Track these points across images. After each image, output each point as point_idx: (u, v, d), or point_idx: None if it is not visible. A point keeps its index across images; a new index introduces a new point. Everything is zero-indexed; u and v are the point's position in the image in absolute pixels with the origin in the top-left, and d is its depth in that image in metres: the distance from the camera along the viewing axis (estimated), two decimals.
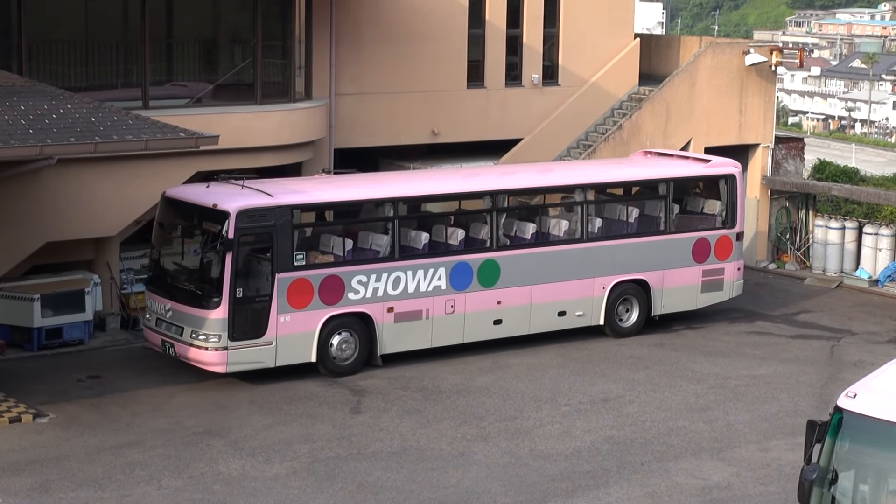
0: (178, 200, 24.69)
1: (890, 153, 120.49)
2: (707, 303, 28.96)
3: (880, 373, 13.24)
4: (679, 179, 28.86)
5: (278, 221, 23.75)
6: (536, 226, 27.04)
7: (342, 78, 31.89)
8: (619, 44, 36.42)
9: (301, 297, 23.96)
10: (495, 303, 26.08)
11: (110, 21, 29.21)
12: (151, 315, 24.62)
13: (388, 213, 25.28)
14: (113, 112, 23.06)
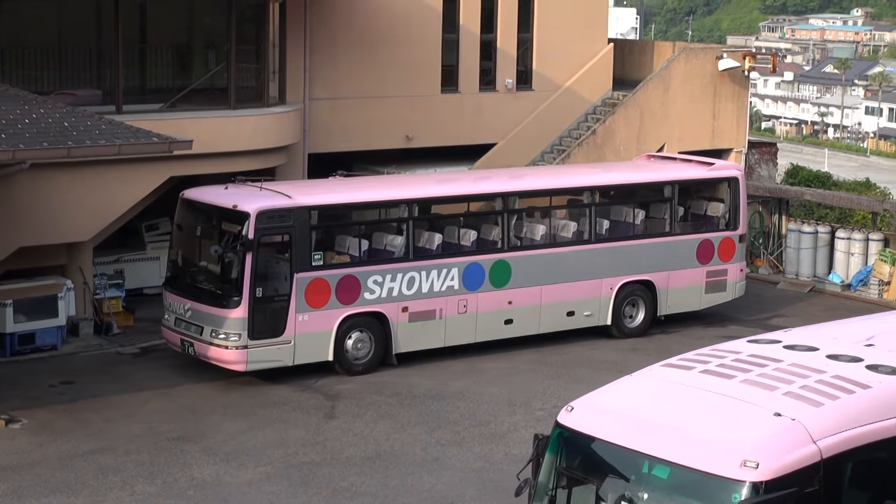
0: (197, 202, 24.94)
1: (862, 158, 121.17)
2: (711, 303, 29.25)
3: (607, 386, 13.06)
4: (684, 182, 29.09)
5: (297, 222, 24.00)
6: (546, 227, 27.32)
7: (316, 82, 31.88)
8: (593, 49, 36.50)
9: (319, 296, 24.19)
10: (506, 303, 26.31)
11: (83, 26, 29.14)
12: (170, 314, 24.87)
13: (402, 215, 25.57)
14: (86, 116, 23.00)
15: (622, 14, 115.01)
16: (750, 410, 11.80)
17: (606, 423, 12.15)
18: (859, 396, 12.08)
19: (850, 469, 11.72)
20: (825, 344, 13.44)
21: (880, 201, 34.72)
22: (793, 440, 11.38)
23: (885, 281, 32.25)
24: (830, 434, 11.54)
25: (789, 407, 11.77)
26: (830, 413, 11.77)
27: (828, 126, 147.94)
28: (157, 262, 30.27)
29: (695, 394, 12.36)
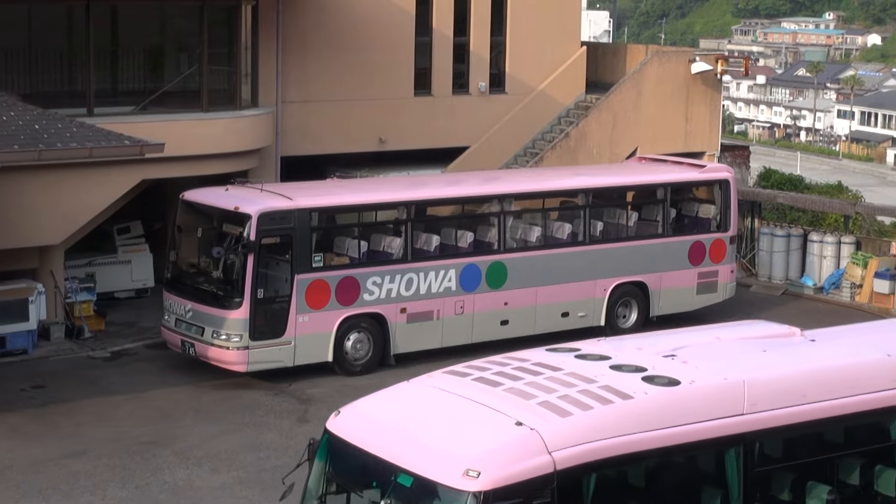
0: (198, 203, 25.10)
1: (834, 161, 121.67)
2: (702, 304, 29.50)
3: (379, 392, 13.07)
4: (676, 184, 29.38)
5: (297, 224, 24.18)
6: (541, 229, 27.51)
7: (288, 85, 31.85)
8: (566, 52, 36.56)
9: (319, 297, 24.39)
10: (503, 304, 26.53)
11: (54, 29, 29.05)
12: (170, 315, 25.02)
13: (401, 217, 25.74)
14: (57, 119, 22.95)
15: (595, 17, 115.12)
16: (494, 419, 11.75)
17: (363, 430, 12.17)
18: (614, 408, 11.99)
19: (595, 481, 11.61)
20: (622, 354, 13.39)
21: (852, 204, 34.89)
22: (525, 450, 11.31)
23: (858, 284, 32.41)
24: (571, 445, 11.46)
25: (536, 416, 11.69)
26: (576, 424, 11.69)
27: (800, 129, 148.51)
28: (128, 265, 30.25)
29: (450, 401, 12.33)
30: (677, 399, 12.31)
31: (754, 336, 14.68)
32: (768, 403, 12.58)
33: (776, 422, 12.55)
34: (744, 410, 12.44)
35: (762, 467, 12.63)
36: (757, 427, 12.46)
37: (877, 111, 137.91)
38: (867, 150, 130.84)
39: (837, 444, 13.36)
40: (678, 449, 12.19)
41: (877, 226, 34.36)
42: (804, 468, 13.03)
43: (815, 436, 13.17)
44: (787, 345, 14.27)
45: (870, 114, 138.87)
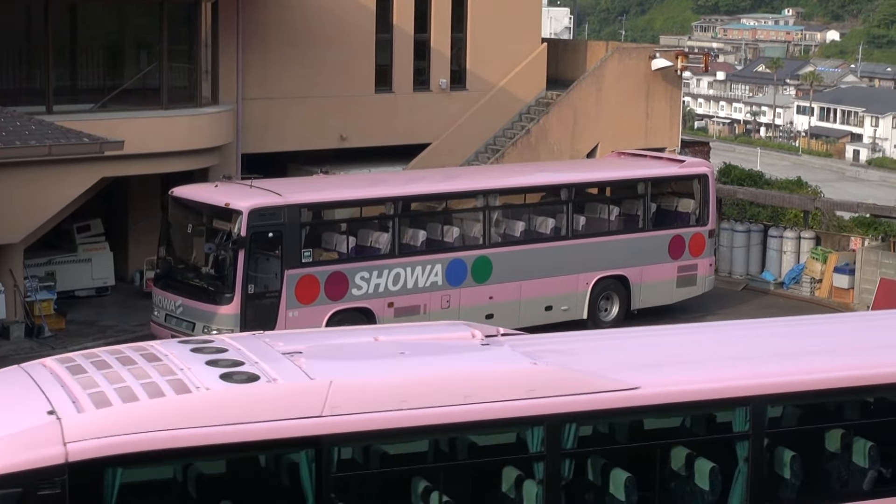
0: (188, 200, 25.18)
1: (794, 157, 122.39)
2: (682, 297, 29.79)
3: None
4: (656, 179, 29.62)
5: (287, 220, 24.31)
6: (525, 224, 27.69)
7: (249, 82, 31.79)
8: (527, 48, 36.62)
9: (308, 292, 24.55)
10: (487, 298, 26.72)
11: (12, 25, 28.90)
12: (160, 311, 25.14)
13: (388, 212, 25.93)
14: (15, 117, 22.86)
15: (556, 13, 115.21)
16: (32, 407, 11.50)
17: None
18: (162, 401, 11.53)
19: (123, 476, 11.25)
20: (247, 350, 12.89)
21: (812, 200, 35.08)
22: (38, 439, 11.06)
23: (817, 279, 32.59)
24: (93, 437, 11.12)
25: (74, 406, 11.41)
26: (108, 415, 11.31)
27: (760, 125, 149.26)
28: (88, 263, 30.14)
29: (20, 386, 12.13)
30: (242, 396, 11.74)
31: (424, 338, 13.97)
32: (355, 407, 11.87)
33: (362, 426, 11.87)
34: (322, 412, 11.76)
35: (342, 472, 12.07)
36: (335, 430, 11.79)
37: (836, 107, 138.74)
38: (826, 145, 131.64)
39: (444, 454, 12.79)
40: (235, 447, 11.61)
41: (836, 221, 34.53)
42: (394, 477, 12.65)
43: (416, 443, 12.64)
44: (440, 349, 13.46)
45: (829, 110, 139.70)
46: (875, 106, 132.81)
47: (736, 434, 13.13)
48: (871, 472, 13.66)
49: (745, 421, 13.05)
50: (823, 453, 13.83)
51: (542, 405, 12.38)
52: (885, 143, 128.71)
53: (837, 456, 13.85)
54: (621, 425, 13.24)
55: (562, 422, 12.43)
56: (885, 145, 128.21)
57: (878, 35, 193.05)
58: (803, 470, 13.41)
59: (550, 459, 12.40)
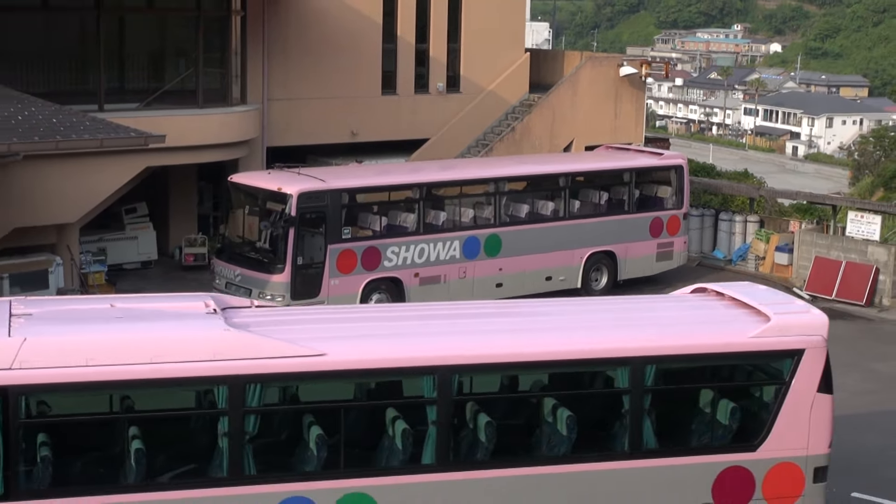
0: (245, 185, 25.38)
1: (741, 152, 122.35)
2: (660, 269, 29.97)
3: None
4: (640, 169, 29.72)
5: (330, 202, 24.47)
6: (529, 206, 27.84)
7: (273, 85, 31.75)
8: (512, 57, 36.59)
9: (347, 264, 24.70)
10: (497, 269, 26.88)
11: (70, 34, 28.89)
12: (221, 279, 25.26)
13: (414, 196, 26.08)
14: (72, 114, 22.82)
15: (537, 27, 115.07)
16: None
17: None
18: None
19: None
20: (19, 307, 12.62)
21: (756, 188, 35.09)
22: None
23: (761, 256, 32.63)
24: None
25: None
26: None
27: (712, 124, 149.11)
28: (135, 241, 30.15)
29: None
30: None
31: (155, 306, 13.44)
32: (42, 362, 11.53)
33: (47, 379, 11.52)
34: (11, 366, 11.49)
35: (28, 420, 11.68)
36: (21, 382, 11.44)
37: (778, 109, 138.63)
38: (769, 142, 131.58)
39: (131, 408, 12.27)
40: None
41: (777, 207, 34.53)
42: (82, 427, 12.27)
43: (104, 397, 12.24)
44: (158, 316, 12.91)
45: (772, 111, 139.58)
46: (811, 108, 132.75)
47: (425, 399, 12.59)
48: (565, 438, 13.06)
49: (433, 388, 12.51)
50: (512, 419, 13.38)
51: (224, 367, 11.96)
52: (820, 140, 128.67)
53: (525, 422, 13.40)
54: (307, 388, 12.77)
55: (245, 382, 12.01)
56: (819, 142, 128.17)
57: (815, 47, 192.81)
58: (494, 433, 12.82)
59: (233, 416, 12.00)
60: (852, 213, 31.17)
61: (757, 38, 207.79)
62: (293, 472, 12.42)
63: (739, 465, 13.36)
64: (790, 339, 13.55)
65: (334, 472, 12.37)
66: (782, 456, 13.46)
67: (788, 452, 13.49)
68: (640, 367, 13.04)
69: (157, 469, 12.03)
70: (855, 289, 29.75)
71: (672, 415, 13.57)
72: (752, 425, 13.51)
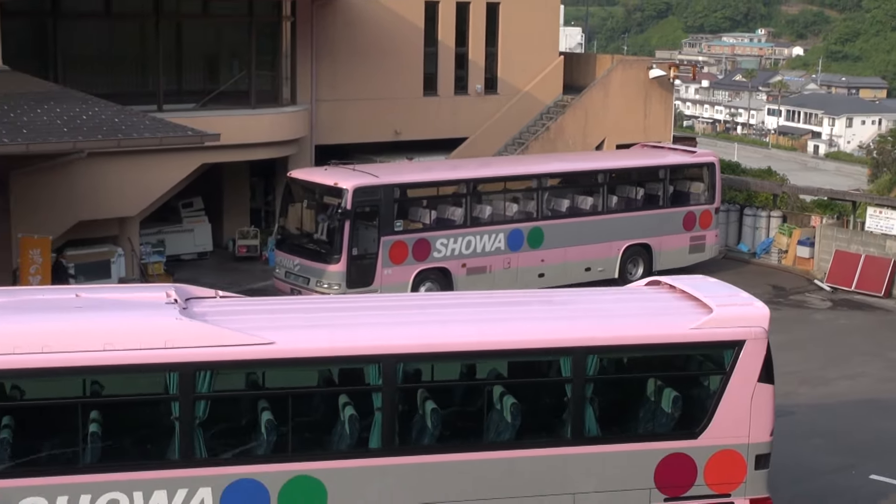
0: (303, 180, 25.50)
1: (765, 150, 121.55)
2: (693, 261, 29.84)
3: None
4: (674, 166, 29.70)
5: (383, 196, 24.56)
6: (570, 201, 27.85)
7: (321, 86, 31.84)
8: (547, 60, 36.51)
9: (399, 254, 24.80)
10: (540, 260, 26.89)
11: (131, 38, 29.07)
12: (280, 269, 25.47)
13: (462, 191, 26.14)
14: (133, 114, 22.97)
15: (570, 32, 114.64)
16: None
17: None
18: None
19: None
20: None
21: (780, 185, 34.86)
22: None
23: (784, 250, 32.45)
24: None
25: None
26: None
27: (737, 124, 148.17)
28: (191, 233, 30.31)
29: None
30: None
31: (117, 296, 13.32)
32: (1, 349, 11.57)
33: (14, 365, 11.55)
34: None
35: None
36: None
37: (800, 109, 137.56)
38: (792, 141, 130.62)
39: (86, 393, 12.19)
40: None
41: (799, 203, 34.29)
42: (36, 412, 12.17)
43: (60, 382, 12.10)
44: (117, 306, 12.77)
45: (794, 112, 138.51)
46: (832, 109, 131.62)
47: (371, 386, 12.40)
48: (510, 425, 12.83)
49: (378, 376, 12.32)
50: (457, 406, 13.18)
51: (174, 354, 11.85)
52: (840, 139, 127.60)
53: (470, 409, 13.16)
54: (257, 375, 12.61)
55: (194, 369, 11.89)
56: (839, 141, 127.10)
57: (836, 51, 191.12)
58: (439, 419, 12.64)
59: (184, 402, 11.90)
60: (871, 208, 30.95)
61: (780, 41, 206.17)
62: (243, 456, 12.31)
63: (681, 451, 13.17)
64: (730, 330, 13.33)
65: (283, 455, 12.24)
66: (723, 443, 13.26)
67: (730, 440, 13.28)
68: (581, 356, 12.88)
69: (111, 451, 11.99)
70: (874, 281, 29.56)
71: (614, 403, 13.43)
72: (694, 414, 13.30)
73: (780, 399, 21.06)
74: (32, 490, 11.60)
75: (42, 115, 21.63)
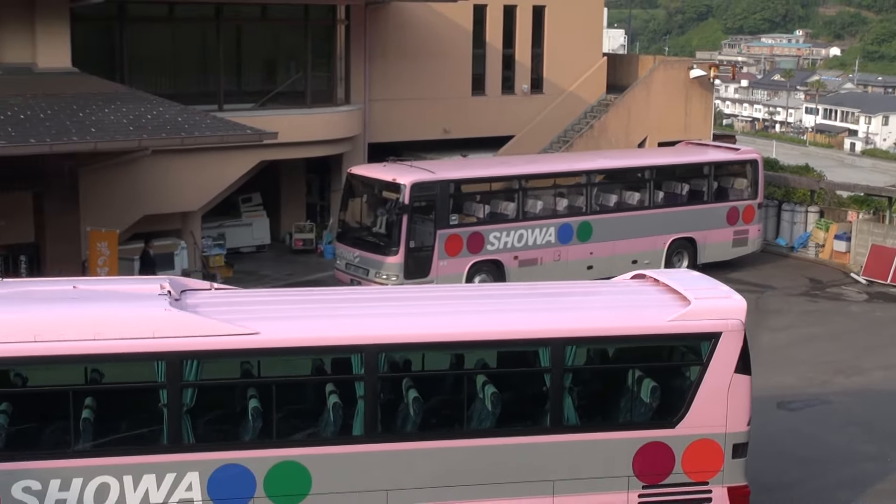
0: (363, 176, 25.54)
1: (802, 148, 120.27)
2: (736, 255, 29.74)
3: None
4: (719, 163, 29.54)
5: (439, 191, 24.60)
6: (618, 196, 27.74)
7: (374, 87, 31.88)
8: (591, 61, 36.35)
9: (454, 247, 24.83)
10: (588, 253, 26.82)
11: (193, 42, 29.24)
12: (341, 261, 25.56)
13: (514, 186, 26.11)
14: (195, 114, 23.12)
15: (613, 34, 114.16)
16: None
17: None
18: None
19: None
20: None
21: (817, 181, 34.51)
22: None
23: (821, 244, 32.13)
24: None
25: None
26: None
27: (775, 123, 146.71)
28: (250, 227, 30.48)
29: None
30: None
31: (113, 288, 13.31)
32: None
33: (7, 353, 11.60)
34: None
35: None
36: None
37: (837, 108, 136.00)
38: (828, 139, 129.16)
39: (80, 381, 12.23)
40: None
41: (836, 199, 33.91)
42: (31, 398, 12.25)
43: (51, 370, 12.16)
44: (111, 297, 12.74)
45: (831, 110, 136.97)
46: (868, 107, 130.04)
47: (354, 375, 12.32)
48: (490, 413, 12.72)
49: (360, 365, 12.25)
50: (439, 395, 13.02)
51: (162, 344, 11.85)
52: (876, 137, 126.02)
53: (452, 398, 12.99)
54: (242, 364, 12.54)
55: (181, 358, 11.87)
56: (875, 139, 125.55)
57: (872, 51, 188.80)
58: (421, 407, 12.54)
59: (171, 389, 11.88)
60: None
61: (818, 42, 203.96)
62: (230, 442, 12.30)
63: (659, 440, 13.02)
64: (707, 322, 13.16)
65: (268, 441, 12.23)
66: (701, 433, 13.10)
67: (707, 430, 13.12)
68: (560, 347, 12.76)
69: (102, 437, 12.02)
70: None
71: (592, 392, 13.33)
72: (671, 403, 13.14)
73: (817, 388, 20.93)
74: (27, 474, 11.68)
75: (109, 115, 21.82)
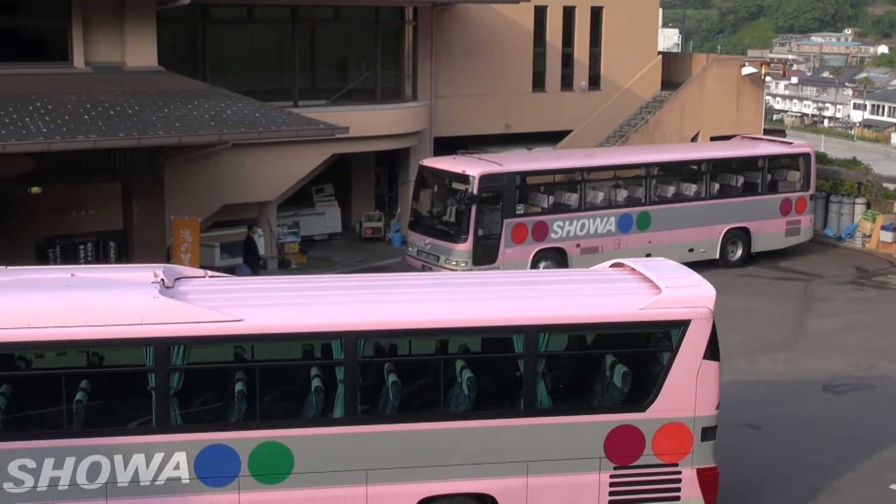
0: (434, 168, 25.68)
1: (850, 142, 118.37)
2: (789, 244, 29.47)
3: None
4: (772, 156, 29.28)
5: (506, 182, 24.68)
6: (675, 188, 27.60)
7: (440, 84, 31.89)
8: (646, 59, 36.05)
9: (520, 235, 24.90)
10: (647, 242, 26.70)
11: (270, 42, 29.43)
12: (413, 247, 25.73)
13: (576, 178, 26.12)
14: (271, 109, 23.27)
15: (668, 33, 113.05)
16: None
17: None
18: None
19: None
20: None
21: (864, 174, 33.95)
22: None
23: (867, 234, 31.62)
24: None
25: None
26: None
27: (824, 118, 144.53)
28: (322, 216, 30.64)
29: None
30: None
31: (108, 276, 13.26)
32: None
33: (2, 339, 11.62)
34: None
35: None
36: None
37: (884, 104, 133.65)
38: (876, 133, 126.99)
39: (70, 365, 12.30)
40: None
41: (883, 191, 33.34)
42: (24, 381, 12.22)
43: (43, 355, 12.20)
44: (104, 285, 12.63)
45: (879, 106, 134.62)
46: None
47: (334, 360, 12.25)
48: (466, 397, 12.59)
49: (340, 351, 12.21)
50: (417, 379, 12.87)
51: (149, 330, 11.82)
52: None
53: (429, 382, 12.91)
54: (227, 349, 12.46)
55: (168, 344, 11.84)
56: None
57: None
58: (399, 391, 12.45)
59: (159, 373, 11.87)
60: None
61: (866, 41, 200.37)
62: (216, 423, 12.30)
63: (629, 423, 12.90)
64: (677, 310, 12.97)
65: (252, 423, 12.20)
66: (670, 416, 12.95)
67: (676, 413, 12.96)
68: (533, 333, 12.63)
69: (94, 418, 12.04)
70: None
71: (564, 377, 13.20)
72: (642, 388, 12.99)
73: (863, 373, 20.63)
74: (22, 452, 11.77)
75: (192, 111, 22.05)
